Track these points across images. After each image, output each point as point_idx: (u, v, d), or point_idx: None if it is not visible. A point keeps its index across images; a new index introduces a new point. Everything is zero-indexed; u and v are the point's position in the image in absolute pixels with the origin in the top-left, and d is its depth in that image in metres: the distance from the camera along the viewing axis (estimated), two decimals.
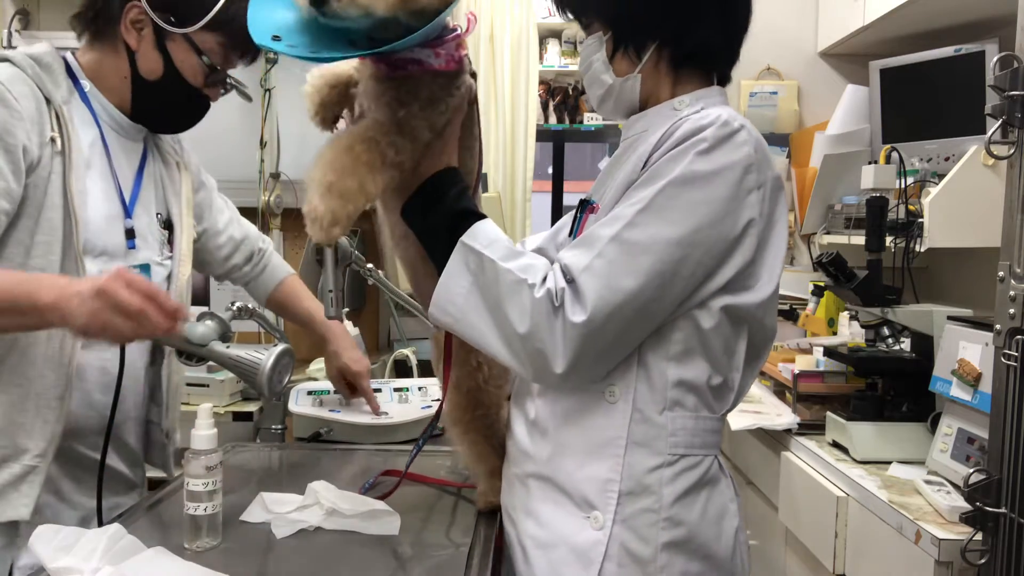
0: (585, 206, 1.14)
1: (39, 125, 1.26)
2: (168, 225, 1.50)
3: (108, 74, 1.39)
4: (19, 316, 1.13)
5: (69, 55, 1.39)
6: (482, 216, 1.07)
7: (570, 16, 1.18)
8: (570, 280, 0.98)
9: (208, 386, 2.32)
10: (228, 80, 1.47)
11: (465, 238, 1.03)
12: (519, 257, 1.03)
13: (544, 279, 0.99)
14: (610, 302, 0.96)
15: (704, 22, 1.11)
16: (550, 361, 0.98)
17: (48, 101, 1.29)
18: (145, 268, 1.41)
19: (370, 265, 1.82)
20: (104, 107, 1.39)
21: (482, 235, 1.04)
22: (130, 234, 1.39)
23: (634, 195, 1.00)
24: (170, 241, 1.50)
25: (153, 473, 1.54)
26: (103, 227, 1.34)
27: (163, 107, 1.44)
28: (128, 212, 1.39)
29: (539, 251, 1.32)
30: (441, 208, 1.08)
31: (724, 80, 1.17)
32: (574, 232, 1.14)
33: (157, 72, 1.38)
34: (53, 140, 1.27)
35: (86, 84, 1.38)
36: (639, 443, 1.04)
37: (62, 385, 1.28)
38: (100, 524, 1.31)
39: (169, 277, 1.48)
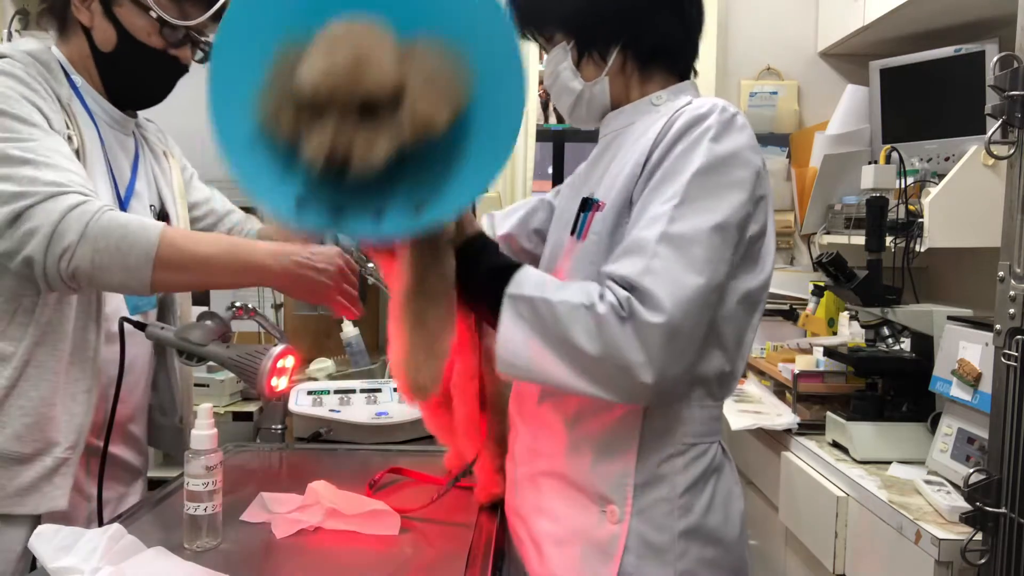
0: (589, 204, 1.13)
1: (58, 120, 1.26)
2: (162, 216, 1.49)
3: (76, 61, 1.37)
4: (240, 275, 1.26)
5: (56, 50, 1.37)
6: (519, 265, 1.06)
7: (534, 36, 1.20)
8: (630, 287, 0.96)
9: (208, 386, 2.32)
10: (193, 35, 1.40)
11: (510, 289, 1.02)
12: (567, 287, 1.01)
13: (601, 296, 0.98)
14: (682, 298, 0.95)
15: (661, 19, 1.13)
16: (637, 374, 0.95)
17: (58, 99, 1.29)
18: None
19: (371, 264, 1.82)
20: (96, 101, 1.38)
21: (526, 282, 1.03)
22: None
23: (660, 192, 1.00)
24: None
25: (154, 473, 1.54)
26: None
27: (129, 78, 1.40)
28: (123, 208, 1.38)
29: (509, 237, 1.37)
30: (478, 272, 1.08)
31: (688, 74, 1.20)
32: (579, 231, 1.13)
33: (112, 41, 1.35)
34: (71, 138, 1.27)
35: (77, 79, 1.37)
36: (652, 436, 1.06)
37: (89, 378, 1.29)
38: (100, 519, 1.31)
39: None
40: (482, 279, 1.08)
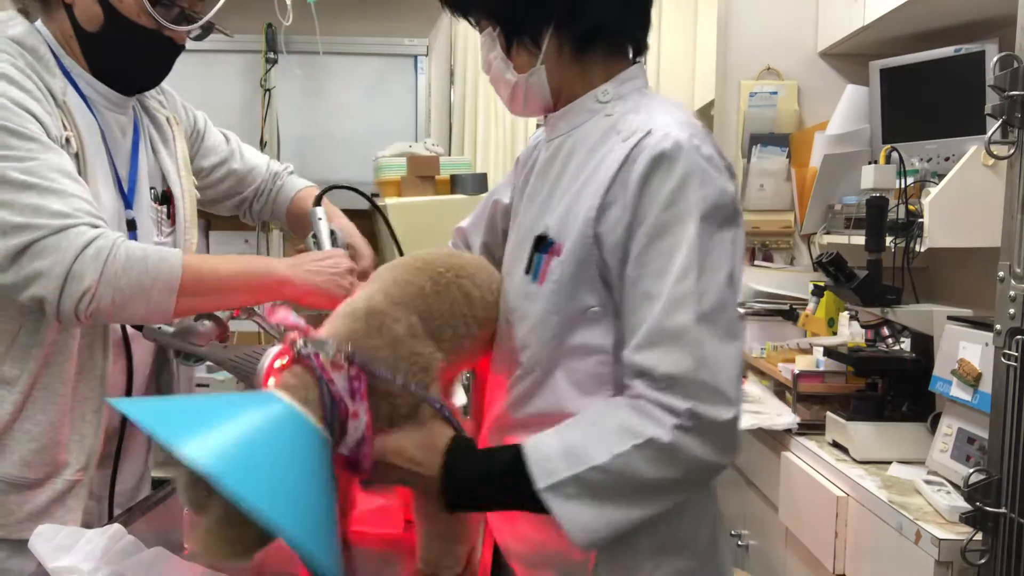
0: (545, 245, 1.03)
1: (54, 124, 1.20)
2: (165, 197, 1.42)
3: (61, 41, 1.26)
4: (260, 292, 1.26)
5: (42, 26, 1.27)
6: (519, 454, 0.93)
7: (461, 16, 1.09)
8: (682, 384, 0.90)
9: (208, 386, 2.32)
10: (189, 12, 1.30)
11: (540, 484, 0.91)
12: (600, 434, 0.92)
13: (649, 416, 0.90)
14: (735, 374, 0.92)
15: None
16: (727, 461, 0.94)
17: (52, 96, 1.21)
18: None
19: None
20: (91, 85, 1.29)
21: (552, 464, 0.91)
22: (131, 225, 1.32)
23: (668, 265, 0.93)
24: (170, 215, 1.42)
25: (154, 473, 1.54)
26: (112, 224, 1.28)
27: (118, 60, 1.29)
28: (128, 202, 1.33)
29: (485, 246, 1.27)
30: (486, 490, 0.97)
31: (640, 50, 1.09)
32: (535, 273, 1.03)
33: (97, 20, 1.24)
34: (68, 141, 1.21)
35: (67, 61, 1.27)
36: None
37: (97, 398, 1.26)
38: (111, 516, 1.31)
39: None
40: (493, 492, 0.96)
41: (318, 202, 1.43)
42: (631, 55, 1.09)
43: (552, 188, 1.07)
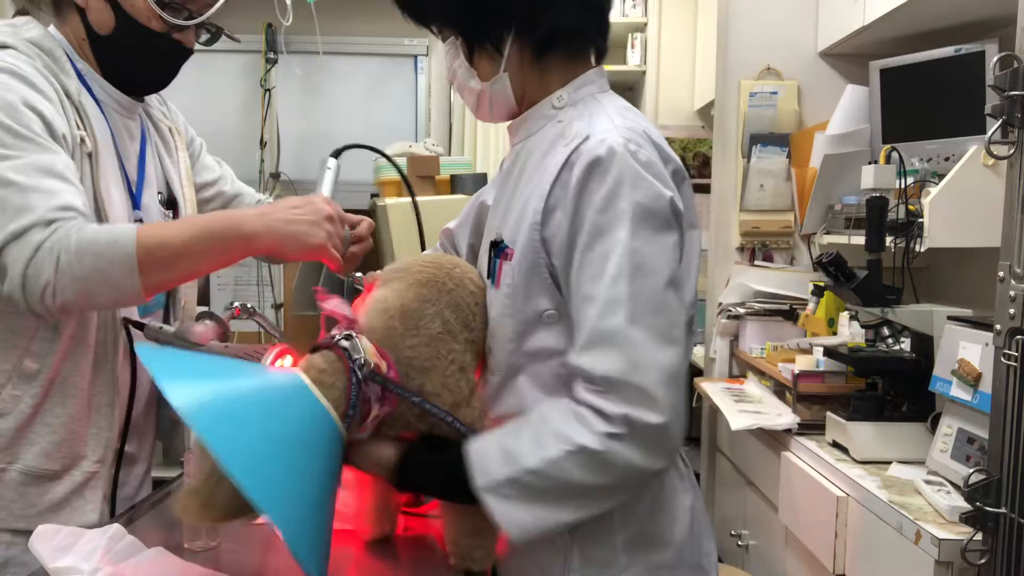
0: (499, 250, 1.06)
1: (68, 124, 1.22)
2: (170, 202, 1.45)
3: (74, 44, 1.29)
4: (228, 252, 1.20)
5: (55, 31, 1.30)
6: (459, 449, 0.98)
7: (423, 26, 1.11)
8: (616, 387, 0.92)
9: None
10: (197, 17, 1.31)
11: (479, 483, 0.95)
12: (535, 437, 0.95)
13: (583, 422, 0.93)
14: (670, 379, 0.93)
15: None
16: (654, 470, 0.96)
17: (68, 96, 1.24)
18: None
19: (359, 274, 1.80)
20: (104, 89, 1.32)
21: (489, 464, 0.95)
22: None
23: (602, 269, 0.94)
24: (175, 219, 1.45)
25: (154, 473, 1.54)
26: (122, 221, 1.30)
27: (129, 63, 1.32)
28: (136, 203, 1.35)
29: (471, 247, 1.27)
30: (434, 488, 1.02)
31: (601, 54, 1.11)
32: (493, 277, 1.07)
33: (109, 24, 1.27)
34: (83, 140, 1.23)
35: (81, 65, 1.30)
36: None
37: (111, 392, 1.29)
38: (112, 513, 1.31)
39: None
40: (440, 490, 1.01)
41: (337, 155, 1.39)
42: (593, 60, 1.10)
43: (510, 194, 1.09)
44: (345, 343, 0.97)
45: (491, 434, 0.99)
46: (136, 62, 1.33)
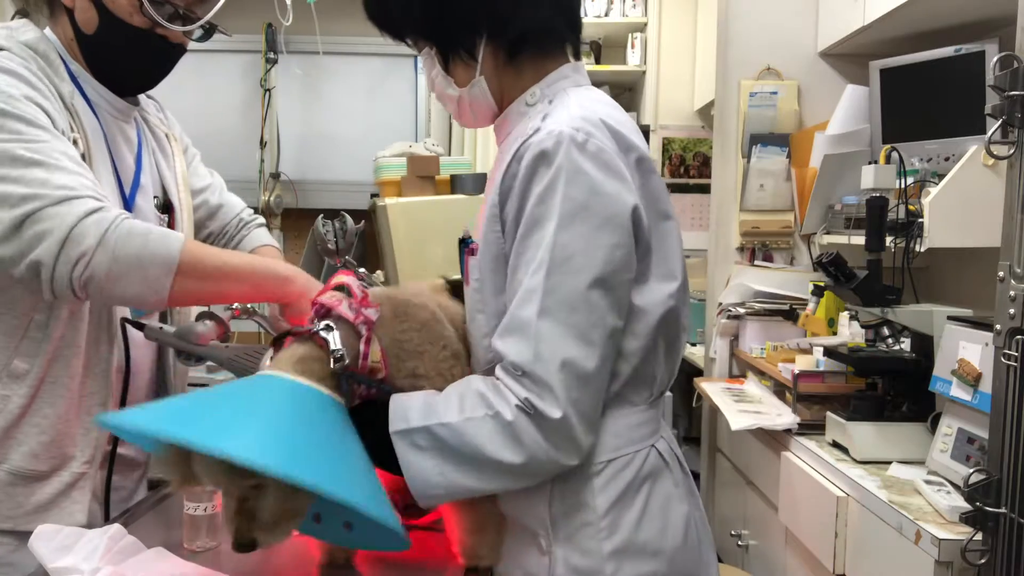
0: (465, 245, 1.08)
1: (63, 122, 1.22)
2: (166, 207, 1.44)
3: (66, 45, 1.28)
4: (260, 286, 1.26)
5: (50, 33, 1.29)
6: (387, 398, 0.99)
7: (398, 39, 1.11)
8: (522, 374, 0.93)
9: (208, 386, 2.32)
10: (184, 12, 1.29)
11: (394, 427, 0.96)
12: (459, 400, 0.96)
13: (500, 395, 0.94)
14: (571, 376, 0.93)
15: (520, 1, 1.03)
16: (563, 461, 0.95)
17: (61, 98, 1.24)
18: None
19: (362, 269, 1.81)
20: (97, 91, 1.31)
21: (410, 412, 0.97)
22: None
23: (527, 257, 0.95)
24: (170, 225, 1.44)
25: (154, 473, 1.54)
26: None
27: (115, 61, 1.31)
28: (128, 205, 1.34)
29: None
30: (367, 428, 0.98)
31: (577, 51, 1.11)
32: (463, 274, 1.09)
33: (94, 22, 1.26)
34: (76, 142, 1.22)
35: (74, 66, 1.29)
36: None
37: (103, 391, 1.28)
38: (107, 517, 1.31)
39: None
40: (368, 434, 0.97)
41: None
42: (571, 56, 1.11)
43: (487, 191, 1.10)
44: (324, 334, 0.96)
45: (421, 392, 1.01)
46: (121, 60, 1.32)
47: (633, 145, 1.01)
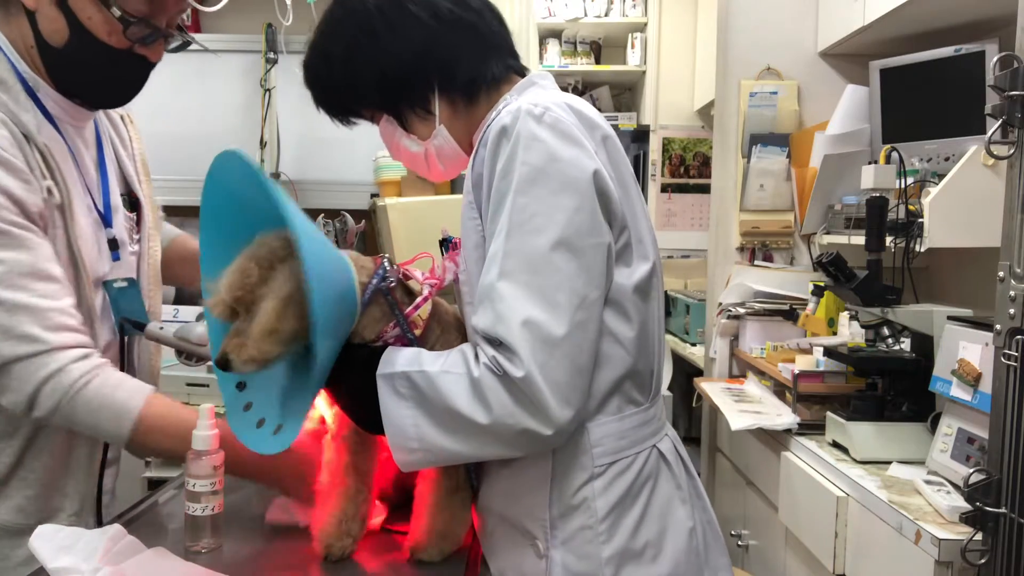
0: (446, 245, 1.10)
1: (34, 179, 1.13)
2: (133, 203, 1.38)
3: (21, 49, 1.16)
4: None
5: (1, 36, 1.16)
6: (384, 347, 1.02)
7: (354, 118, 1.14)
8: (493, 340, 0.93)
9: (208, 386, 2.32)
10: (160, 30, 1.19)
11: (381, 369, 0.98)
12: (445, 356, 0.98)
13: (476, 356, 0.95)
14: (535, 337, 0.91)
15: (458, 42, 1.05)
16: (533, 430, 0.92)
17: (27, 138, 1.13)
18: (133, 283, 1.34)
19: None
20: (57, 103, 1.20)
21: (398, 358, 0.99)
22: (113, 245, 1.30)
23: (494, 226, 0.97)
24: (138, 221, 1.39)
25: (154, 473, 1.54)
26: (96, 257, 1.26)
27: (87, 82, 1.20)
28: (108, 221, 1.30)
29: None
30: (352, 373, 1.01)
31: (522, 70, 1.13)
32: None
33: (62, 35, 1.13)
34: (51, 191, 1.15)
35: (28, 74, 1.16)
36: (564, 465, 1.01)
37: (90, 444, 1.27)
38: (100, 520, 1.30)
39: (139, 258, 1.38)
40: (356, 376, 1.00)
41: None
42: (516, 78, 1.12)
43: None
44: (386, 263, 1.05)
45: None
46: (93, 81, 1.21)
47: (598, 124, 1.02)
